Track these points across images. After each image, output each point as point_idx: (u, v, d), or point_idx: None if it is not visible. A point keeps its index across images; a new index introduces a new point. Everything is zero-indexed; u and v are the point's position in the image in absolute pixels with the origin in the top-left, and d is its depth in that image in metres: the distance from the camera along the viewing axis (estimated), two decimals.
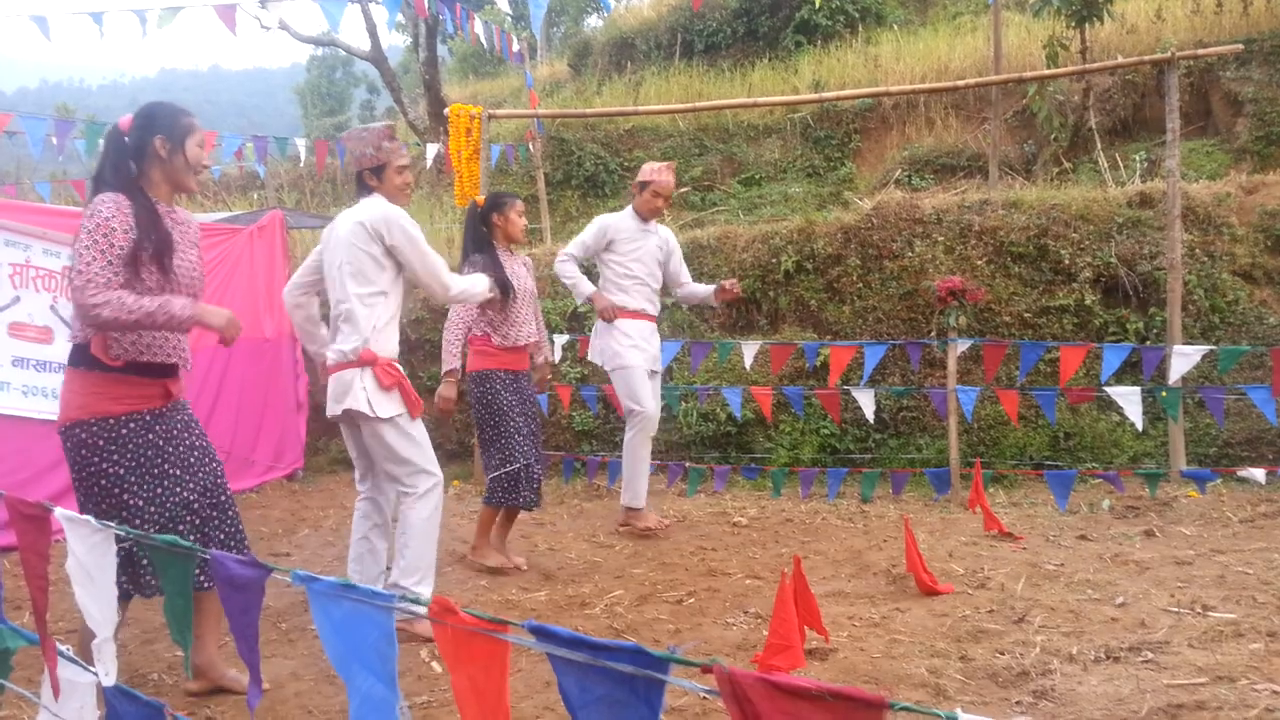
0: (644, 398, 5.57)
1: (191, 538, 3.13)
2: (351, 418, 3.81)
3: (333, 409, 3.83)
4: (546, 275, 8.03)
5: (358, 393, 3.74)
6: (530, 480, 4.91)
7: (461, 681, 1.72)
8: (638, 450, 5.60)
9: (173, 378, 3.25)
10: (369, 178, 3.91)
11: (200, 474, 3.24)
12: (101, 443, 3.06)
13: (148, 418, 3.16)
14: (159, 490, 3.13)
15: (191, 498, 3.19)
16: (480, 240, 5.04)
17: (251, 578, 1.99)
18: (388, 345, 3.84)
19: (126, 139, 3.23)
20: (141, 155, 3.22)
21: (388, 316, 3.86)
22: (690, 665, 1.42)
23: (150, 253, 3.10)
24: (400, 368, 3.85)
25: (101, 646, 2.31)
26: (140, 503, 3.09)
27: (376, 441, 3.80)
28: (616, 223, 5.74)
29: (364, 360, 3.76)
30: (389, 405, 3.75)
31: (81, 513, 2.74)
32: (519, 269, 5.12)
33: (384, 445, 3.79)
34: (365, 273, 3.80)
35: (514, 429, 4.88)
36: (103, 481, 3.06)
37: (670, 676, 1.45)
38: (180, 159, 3.26)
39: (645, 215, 5.76)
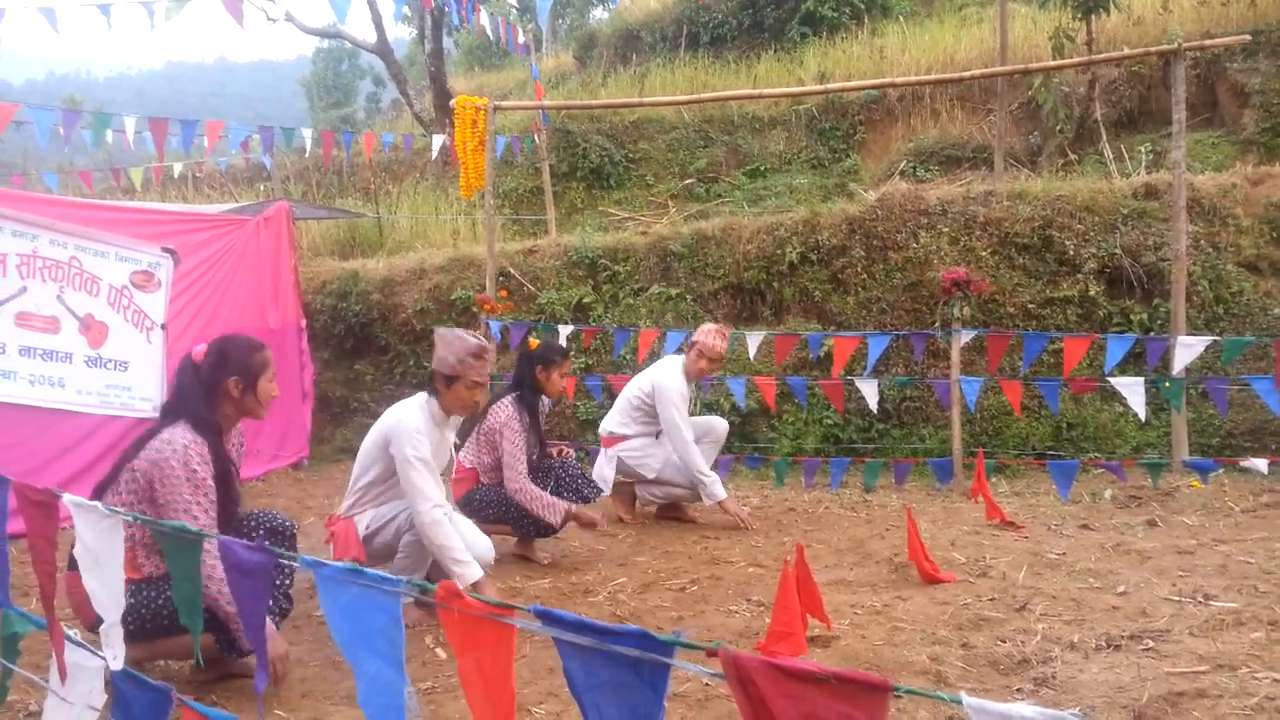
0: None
1: None
2: None
3: None
4: (546, 268, 8.05)
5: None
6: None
7: (468, 666, 1.74)
8: None
9: None
10: (440, 381, 3.98)
11: None
12: None
13: None
14: None
15: None
16: (529, 393, 4.98)
17: (259, 564, 2.01)
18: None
19: (199, 373, 3.27)
20: (214, 393, 3.27)
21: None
22: (695, 649, 1.43)
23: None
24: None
25: (109, 631, 2.33)
26: None
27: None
28: (681, 389, 5.62)
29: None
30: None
31: None
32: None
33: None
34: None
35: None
36: None
37: (675, 660, 1.47)
38: (252, 398, 3.31)
39: (691, 376, 5.74)
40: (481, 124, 8.14)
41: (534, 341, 5.22)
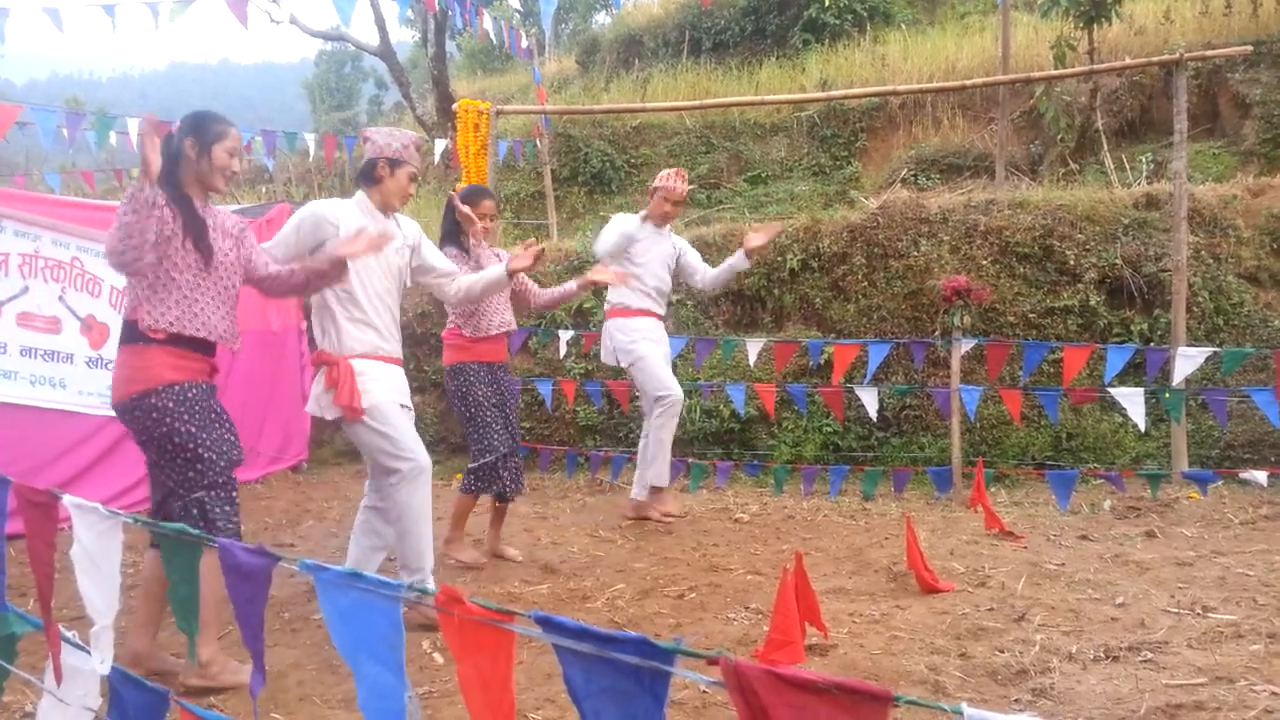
0: (670, 381, 5.63)
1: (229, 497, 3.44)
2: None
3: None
4: (547, 272, 8.05)
5: (311, 400, 3.94)
6: (509, 469, 4.90)
7: (467, 671, 1.74)
8: (663, 433, 5.67)
9: (213, 355, 3.57)
10: (384, 167, 4.02)
11: (235, 438, 3.56)
12: (172, 405, 3.32)
13: (203, 386, 3.47)
14: (222, 446, 3.42)
15: (235, 457, 3.50)
16: (451, 232, 4.99)
17: (259, 567, 2.01)
18: (349, 344, 3.92)
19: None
20: (176, 157, 3.46)
21: (346, 316, 3.93)
22: (696, 657, 1.43)
23: (183, 235, 3.40)
24: (350, 365, 3.88)
25: (100, 634, 2.32)
26: (211, 456, 3.36)
27: (351, 434, 3.98)
28: (635, 228, 5.70)
29: (317, 362, 3.96)
30: (334, 408, 3.88)
31: (158, 475, 3.28)
32: (489, 260, 4.86)
33: (355, 439, 3.98)
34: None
35: (489, 420, 4.85)
36: (176, 440, 3.31)
37: (676, 668, 1.47)
38: (206, 162, 3.48)
39: (656, 221, 5.77)
40: (484, 128, 8.16)
41: (459, 188, 5.25)
